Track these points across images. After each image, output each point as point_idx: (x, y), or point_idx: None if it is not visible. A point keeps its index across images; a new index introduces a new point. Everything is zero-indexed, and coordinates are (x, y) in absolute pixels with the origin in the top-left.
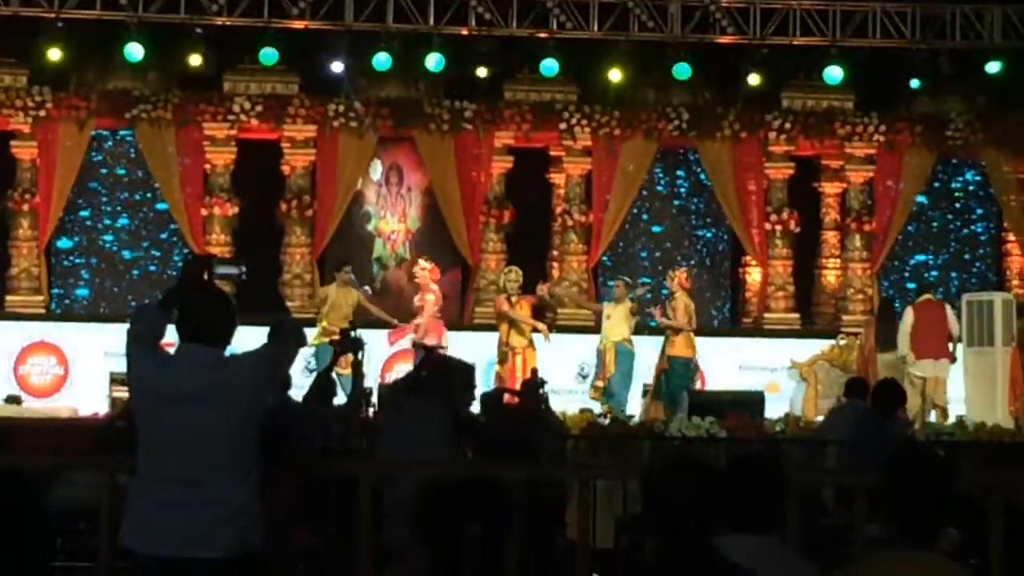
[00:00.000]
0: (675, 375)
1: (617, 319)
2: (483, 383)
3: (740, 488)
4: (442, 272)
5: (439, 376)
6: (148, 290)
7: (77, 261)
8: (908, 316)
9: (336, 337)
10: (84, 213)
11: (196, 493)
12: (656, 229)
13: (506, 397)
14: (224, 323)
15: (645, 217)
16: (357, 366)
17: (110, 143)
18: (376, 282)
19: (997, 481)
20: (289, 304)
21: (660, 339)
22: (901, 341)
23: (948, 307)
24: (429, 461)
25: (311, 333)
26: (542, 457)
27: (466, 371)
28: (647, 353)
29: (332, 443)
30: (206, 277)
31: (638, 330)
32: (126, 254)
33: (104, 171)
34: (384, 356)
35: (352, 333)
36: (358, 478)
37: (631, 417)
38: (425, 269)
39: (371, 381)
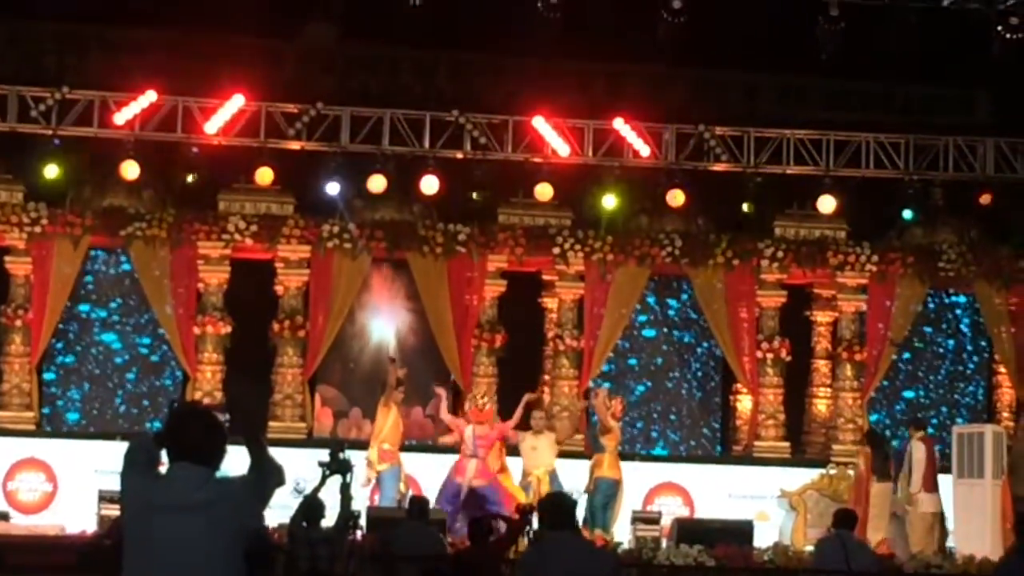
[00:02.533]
0: (601, 495)
1: (544, 449)
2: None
3: None
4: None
5: None
6: (139, 407)
7: (68, 377)
8: (920, 451)
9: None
10: (76, 329)
11: None
12: (648, 333)
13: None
14: (214, 445)
15: (639, 321)
16: (345, 488)
17: (104, 260)
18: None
19: None
20: (280, 423)
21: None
22: (915, 477)
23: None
24: None
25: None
26: None
27: None
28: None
29: (320, 565)
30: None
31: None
32: (117, 370)
33: (97, 288)
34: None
35: (341, 455)
36: None
37: (619, 544)
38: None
39: (360, 503)
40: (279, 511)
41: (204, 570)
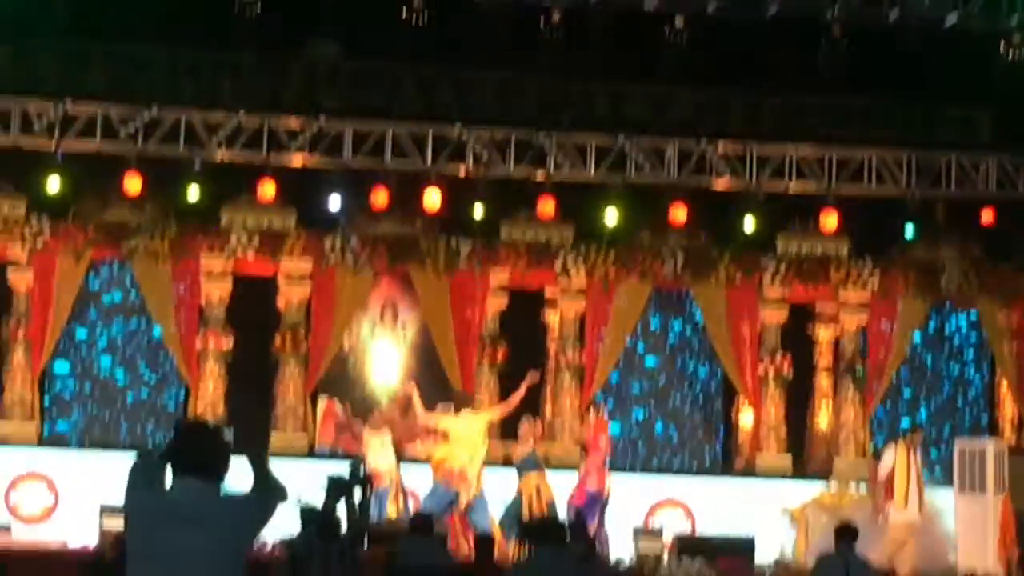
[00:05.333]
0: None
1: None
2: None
3: None
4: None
5: None
6: (141, 420)
7: (70, 389)
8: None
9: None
10: (79, 342)
11: None
12: (649, 363)
13: None
14: (218, 459)
15: (641, 349)
16: (365, 503)
17: (106, 272)
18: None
19: None
20: (281, 436)
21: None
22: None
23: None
24: None
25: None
26: None
27: None
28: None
29: None
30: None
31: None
32: (120, 384)
33: (99, 301)
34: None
35: (361, 469)
36: None
37: (620, 560)
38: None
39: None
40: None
41: None
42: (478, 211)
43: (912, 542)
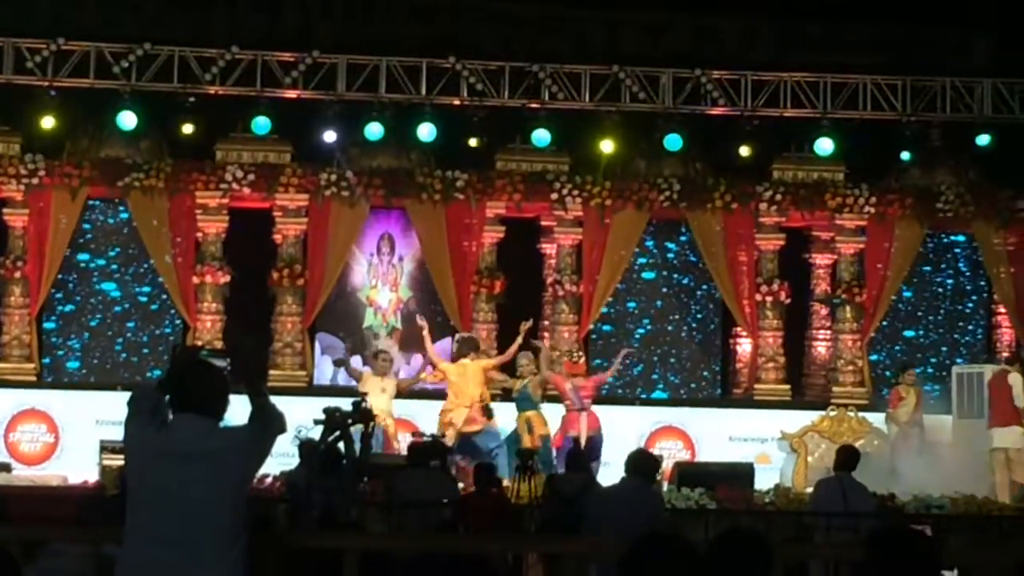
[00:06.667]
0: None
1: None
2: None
3: (726, 563)
4: (433, 340)
5: None
6: (139, 356)
7: (68, 328)
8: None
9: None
10: (76, 279)
11: (183, 555)
12: (647, 276)
13: None
14: (217, 395)
15: (639, 263)
16: (366, 438)
17: (102, 210)
18: (367, 351)
19: (982, 558)
20: (280, 372)
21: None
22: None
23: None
24: (415, 536)
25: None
26: None
27: None
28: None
29: (338, 513)
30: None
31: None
32: (117, 320)
33: (96, 238)
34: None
35: (363, 404)
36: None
37: None
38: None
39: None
40: (280, 459)
41: (207, 518)
42: (473, 142)
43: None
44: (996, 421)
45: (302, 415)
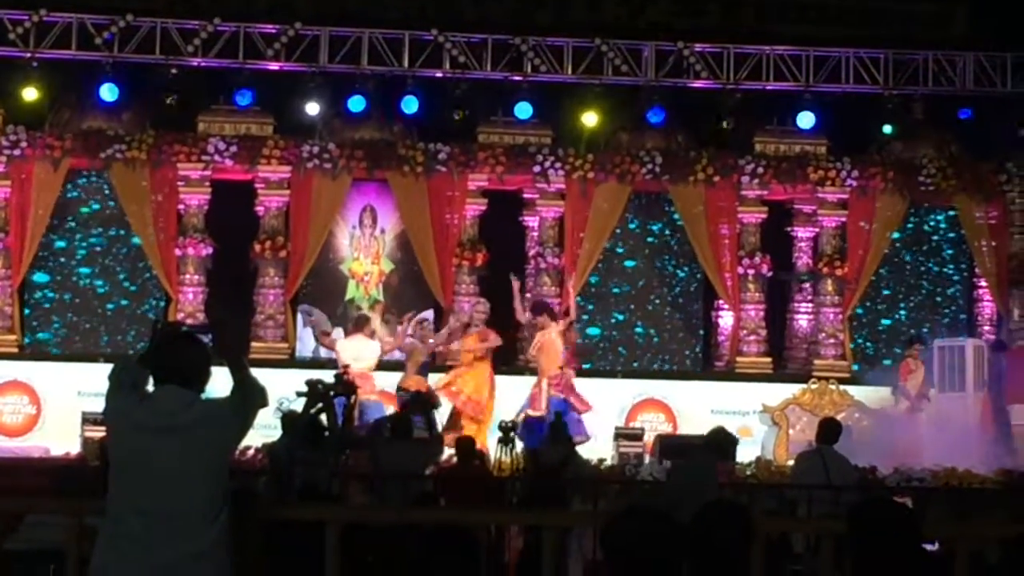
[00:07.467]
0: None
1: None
2: None
3: (706, 535)
4: (415, 313)
5: None
6: (122, 329)
7: (51, 299)
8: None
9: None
10: (58, 251)
11: (165, 526)
12: (629, 264)
13: None
14: (199, 367)
15: (620, 251)
16: (349, 411)
17: (84, 182)
18: (349, 323)
19: (964, 530)
20: (262, 344)
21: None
22: None
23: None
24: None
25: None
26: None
27: None
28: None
29: (320, 485)
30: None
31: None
32: (99, 293)
33: (78, 210)
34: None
35: (346, 377)
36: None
37: (603, 460)
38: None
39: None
40: (262, 431)
41: (189, 490)
42: (456, 115)
43: None
44: (1016, 397)
45: (284, 387)
